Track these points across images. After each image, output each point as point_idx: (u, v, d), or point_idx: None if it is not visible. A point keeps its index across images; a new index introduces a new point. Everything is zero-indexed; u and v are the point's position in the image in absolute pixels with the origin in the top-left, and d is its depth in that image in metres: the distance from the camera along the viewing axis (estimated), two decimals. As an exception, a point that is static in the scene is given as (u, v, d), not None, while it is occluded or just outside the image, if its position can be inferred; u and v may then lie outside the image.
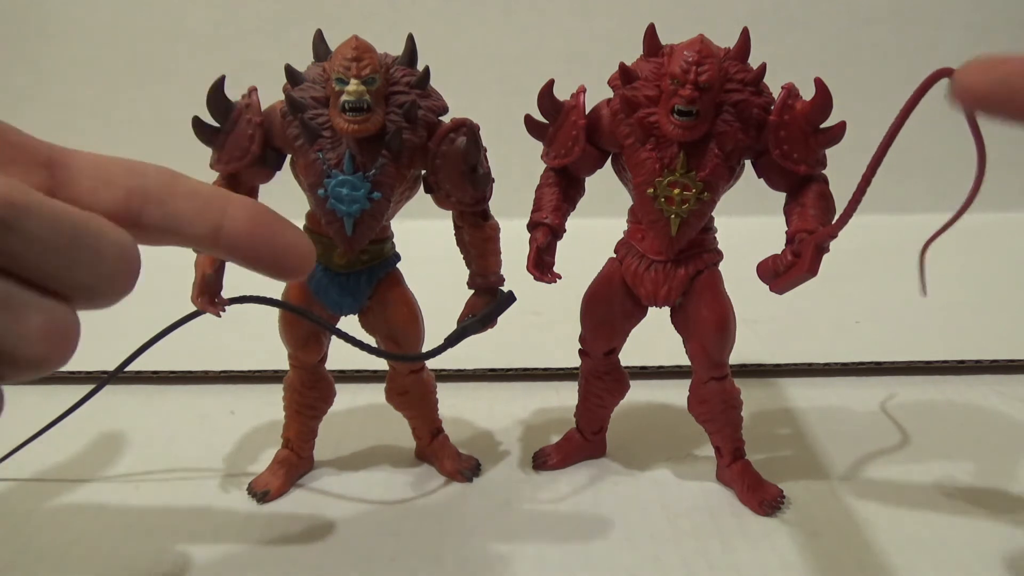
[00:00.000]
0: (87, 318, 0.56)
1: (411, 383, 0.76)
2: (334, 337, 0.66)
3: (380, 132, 0.64)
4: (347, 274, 0.70)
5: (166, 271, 0.64)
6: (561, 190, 0.72)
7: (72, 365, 0.40)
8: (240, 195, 0.43)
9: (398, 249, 0.74)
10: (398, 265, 0.73)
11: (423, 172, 0.69)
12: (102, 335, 1.08)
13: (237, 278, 0.71)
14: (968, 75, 0.45)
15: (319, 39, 0.67)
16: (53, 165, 0.39)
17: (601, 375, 0.77)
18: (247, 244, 0.42)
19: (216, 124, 0.66)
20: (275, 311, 0.71)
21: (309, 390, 0.75)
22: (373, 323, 0.73)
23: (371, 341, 0.72)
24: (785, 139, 0.65)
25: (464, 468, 0.78)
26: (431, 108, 0.66)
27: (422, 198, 0.71)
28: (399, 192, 0.68)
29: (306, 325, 0.72)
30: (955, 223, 0.61)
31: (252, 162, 0.66)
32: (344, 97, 0.62)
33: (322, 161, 0.64)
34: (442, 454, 0.78)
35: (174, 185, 0.41)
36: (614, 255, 0.74)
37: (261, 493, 0.74)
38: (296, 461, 0.77)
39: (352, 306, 0.72)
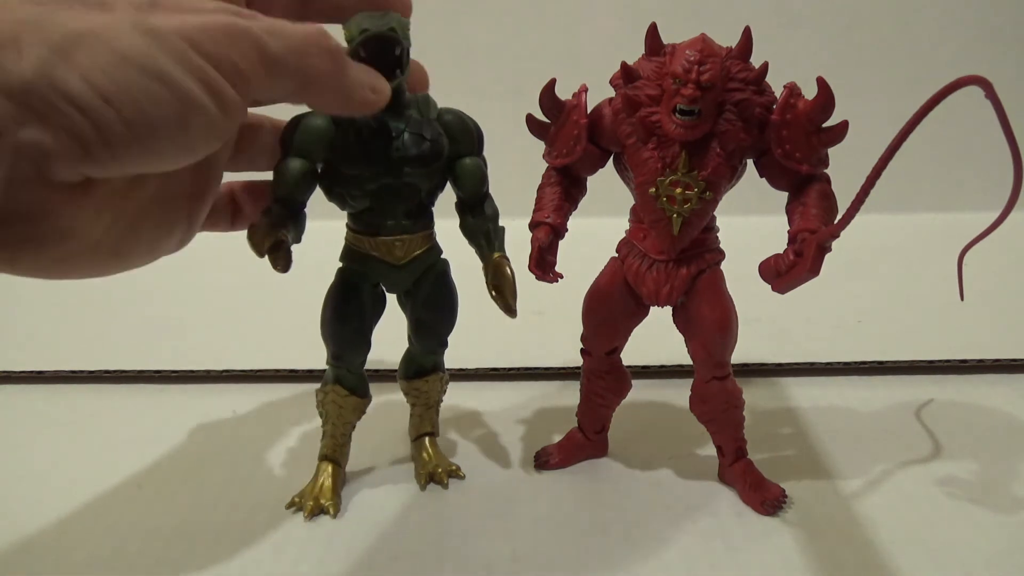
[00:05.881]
0: (87, 319, 0.56)
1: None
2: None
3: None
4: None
5: (165, 272, 0.63)
6: (563, 189, 0.72)
7: (72, 365, 0.40)
8: None
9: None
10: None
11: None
12: (102, 335, 1.08)
13: (231, 276, 0.71)
14: None
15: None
16: None
17: (603, 374, 0.77)
18: None
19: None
20: (272, 312, 0.71)
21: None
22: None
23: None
24: (787, 138, 0.65)
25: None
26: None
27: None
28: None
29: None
30: (995, 229, 0.62)
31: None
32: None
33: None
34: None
35: None
36: (616, 254, 0.74)
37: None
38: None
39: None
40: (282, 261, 0.63)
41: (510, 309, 0.67)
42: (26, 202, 0.45)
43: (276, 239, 0.62)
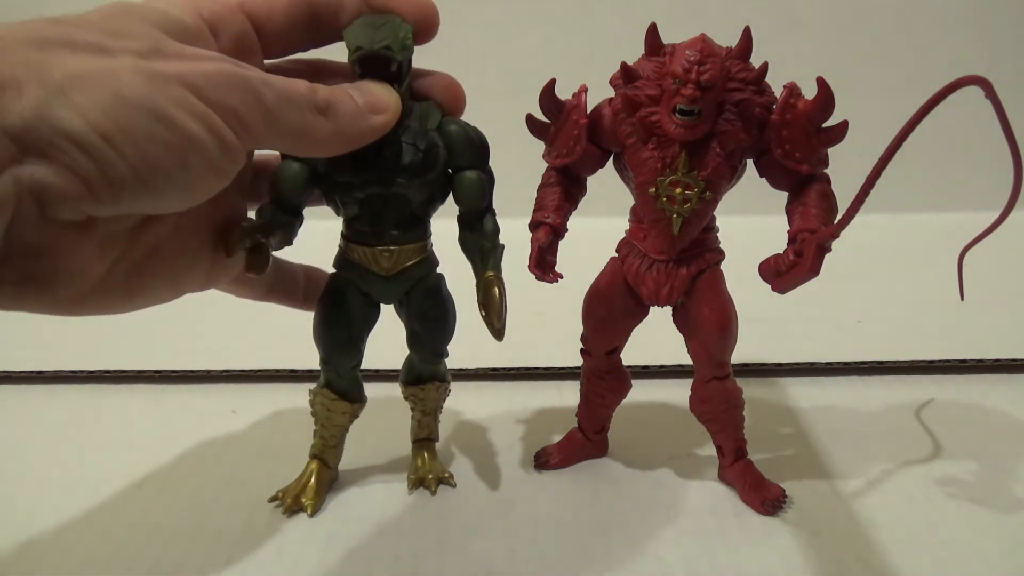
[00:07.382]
0: (87, 319, 0.56)
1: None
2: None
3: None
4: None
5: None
6: (563, 189, 0.71)
7: (72, 365, 0.41)
8: None
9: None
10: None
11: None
12: (102, 335, 1.08)
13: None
14: None
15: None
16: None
17: (603, 374, 0.77)
18: None
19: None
20: (272, 312, 0.71)
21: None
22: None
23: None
24: (787, 138, 0.65)
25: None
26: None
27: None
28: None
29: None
30: (996, 229, 0.62)
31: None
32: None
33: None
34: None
35: None
36: (616, 254, 0.74)
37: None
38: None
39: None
40: (258, 265, 0.62)
41: (495, 331, 0.64)
42: (28, 240, 0.45)
43: (255, 242, 0.61)
